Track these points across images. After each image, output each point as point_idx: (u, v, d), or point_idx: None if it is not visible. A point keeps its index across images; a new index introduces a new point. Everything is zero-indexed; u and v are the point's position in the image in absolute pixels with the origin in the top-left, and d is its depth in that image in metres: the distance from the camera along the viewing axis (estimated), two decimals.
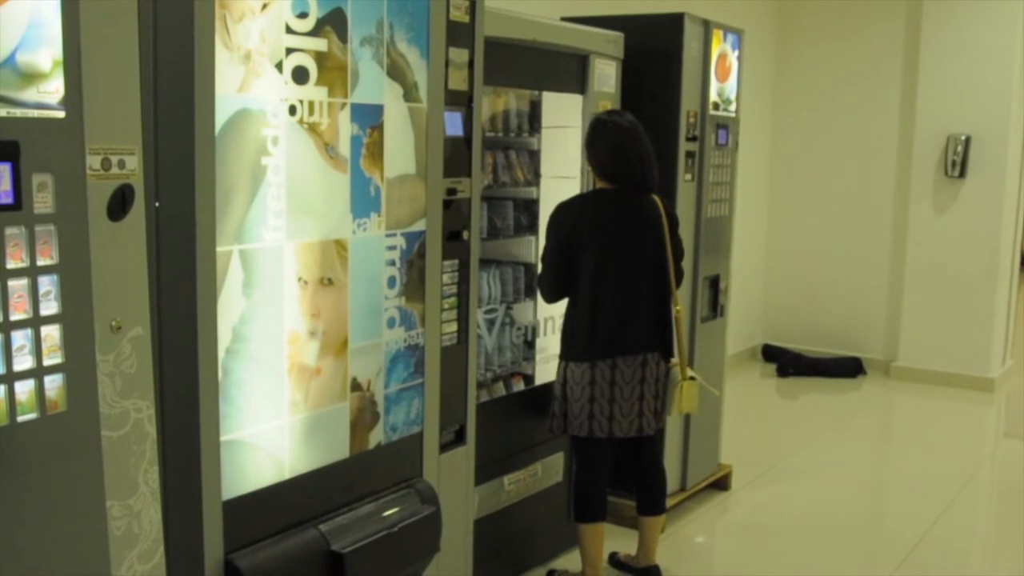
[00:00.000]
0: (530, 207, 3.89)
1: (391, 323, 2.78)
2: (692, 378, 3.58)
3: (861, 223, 7.42)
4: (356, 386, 2.68)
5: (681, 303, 3.60)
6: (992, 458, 5.92)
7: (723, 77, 4.41)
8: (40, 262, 1.76)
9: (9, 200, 1.71)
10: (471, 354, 3.11)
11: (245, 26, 2.23)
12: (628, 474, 3.77)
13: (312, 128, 2.44)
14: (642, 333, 3.48)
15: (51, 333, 1.79)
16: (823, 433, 5.98)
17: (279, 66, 2.33)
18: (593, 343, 3.43)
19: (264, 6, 2.27)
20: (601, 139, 3.47)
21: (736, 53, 4.49)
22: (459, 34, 2.88)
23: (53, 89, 1.75)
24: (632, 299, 3.45)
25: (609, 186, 3.48)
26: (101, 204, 1.85)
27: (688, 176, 4.25)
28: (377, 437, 2.77)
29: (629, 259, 3.44)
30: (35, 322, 1.77)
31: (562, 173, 3.91)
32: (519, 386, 3.80)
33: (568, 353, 3.50)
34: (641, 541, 3.77)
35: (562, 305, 3.96)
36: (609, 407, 3.44)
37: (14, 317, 1.74)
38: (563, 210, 3.48)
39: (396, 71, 2.68)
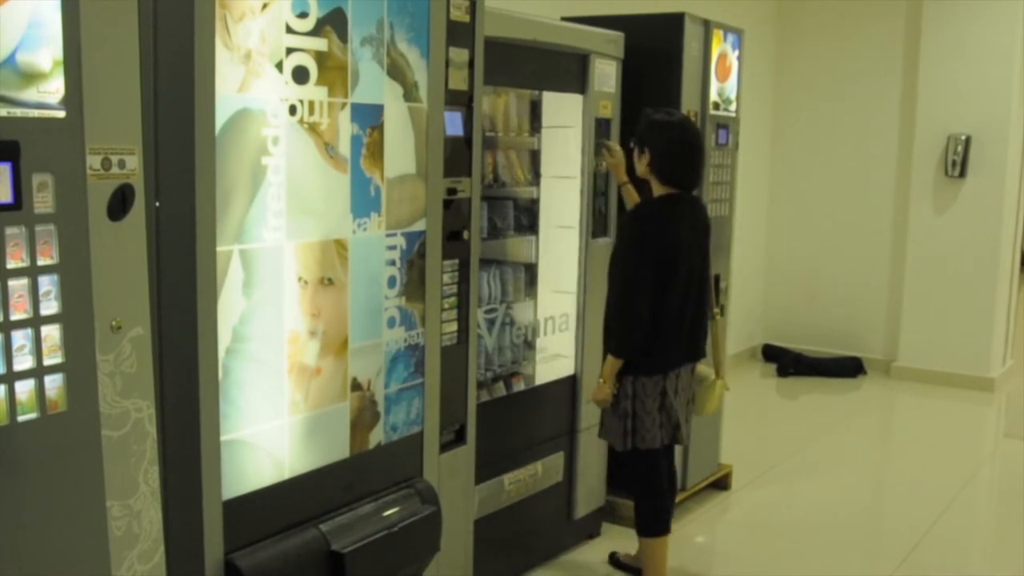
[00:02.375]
0: (530, 207, 3.89)
1: (391, 323, 2.78)
2: (720, 378, 3.62)
3: (861, 223, 7.41)
4: (356, 386, 2.68)
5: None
6: (992, 458, 5.92)
7: (723, 77, 4.41)
8: (40, 262, 1.76)
9: (9, 200, 1.71)
10: (471, 354, 3.11)
11: (245, 26, 2.23)
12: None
13: (312, 128, 2.44)
14: (696, 340, 3.48)
15: (51, 333, 1.79)
16: (823, 433, 5.98)
17: (279, 66, 2.33)
18: (666, 354, 3.38)
19: (264, 6, 2.27)
20: (666, 141, 3.35)
21: (736, 53, 4.49)
22: (459, 34, 2.89)
23: (53, 89, 1.75)
24: (694, 307, 3.42)
25: (666, 190, 3.37)
26: (101, 204, 1.85)
27: None
28: (377, 437, 2.77)
29: (692, 267, 3.39)
30: (35, 322, 1.77)
31: (562, 173, 3.90)
32: (519, 386, 3.80)
33: (637, 367, 3.35)
34: None
35: (562, 305, 3.97)
36: (672, 412, 3.41)
37: (14, 317, 1.74)
38: (648, 224, 3.34)
39: (396, 71, 2.68)
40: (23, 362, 1.75)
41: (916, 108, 7.02)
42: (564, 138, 3.90)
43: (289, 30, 2.35)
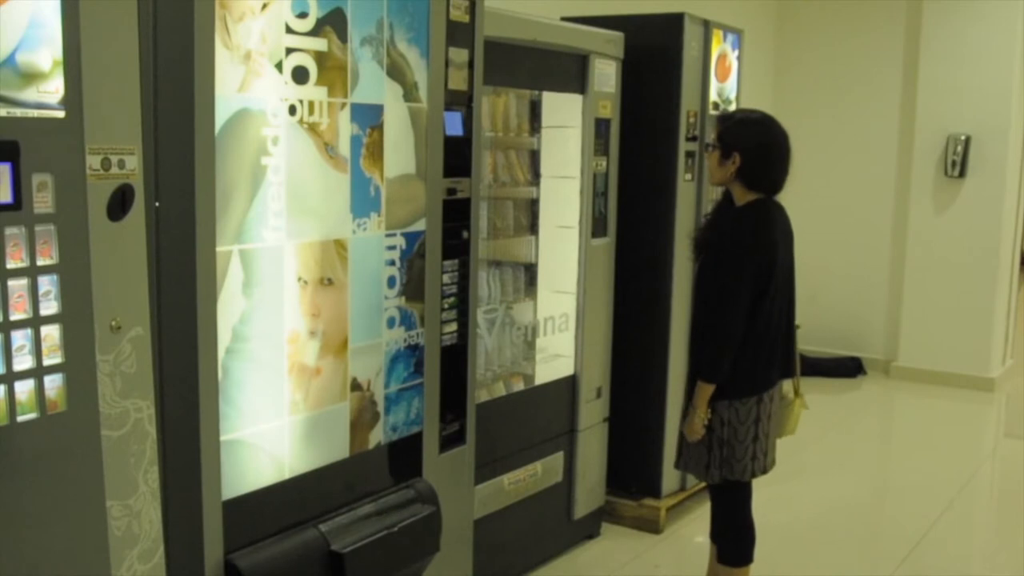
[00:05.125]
0: (530, 207, 3.89)
1: (391, 323, 2.78)
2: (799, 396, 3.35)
3: (861, 223, 7.41)
4: (356, 386, 2.68)
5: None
6: (992, 458, 5.92)
7: (723, 77, 4.41)
8: (40, 262, 1.76)
9: (9, 200, 1.71)
10: (471, 354, 3.10)
11: (245, 26, 2.23)
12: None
13: (312, 128, 2.44)
14: (789, 354, 3.23)
15: (51, 333, 1.79)
16: (823, 433, 5.98)
17: (279, 66, 2.33)
18: (762, 375, 3.11)
19: (264, 6, 2.27)
20: (755, 144, 3.08)
21: (736, 53, 4.49)
22: (459, 34, 2.88)
23: (53, 89, 1.75)
24: (787, 320, 3.18)
25: (753, 196, 3.10)
26: (101, 204, 1.86)
27: (688, 176, 4.25)
28: (377, 437, 2.77)
29: (785, 278, 3.15)
30: (35, 322, 1.77)
31: (562, 173, 3.90)
32: (519, 386, 3.80)
33: (730, 391, 3.05)
34: None
35: (562, 305, 3.97)
36: (766, 442, 3.15)
37: (14, 317, 1.74)
38: (746, 233, 3.06)
39: (396, 71, 2.68)
40: (23, 362, 1.75)
41: (916, 108, 7.02)
42: (564, 138, 3.90)
43: (289, 30, 2.35)
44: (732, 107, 4.50)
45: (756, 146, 3.08)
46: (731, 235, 3.07)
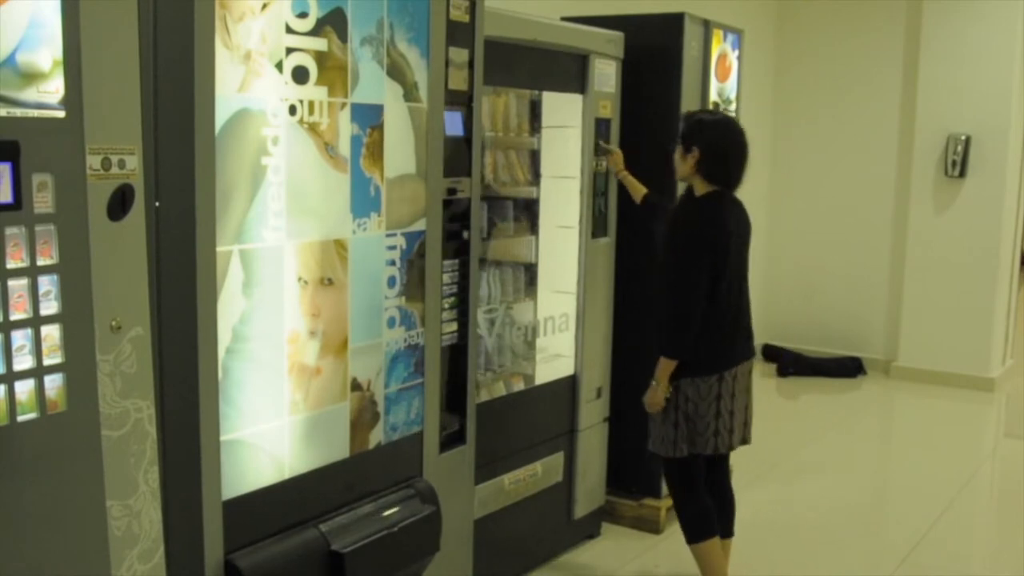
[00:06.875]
0: (530, 207, 3.89)
1: (391, 323, 2.78)
2: None
3: (861, 223, 7.41)
4: (356, 386, 2.68)
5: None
6: (992, 458, 5.92)
7: (723, 77, 4.41)
8: (40, 262, 1.76)
9: (9, 200, 1.71)
10: (471, 354, 3.10)
11: (245, 26, 2.23)
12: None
13: (312, 128, 2.44)
14: (751, 336, 3.47)
15: (51, 333, 1.79)
16: (823, 433, 5.98)
17: (279, 66, 2.33)
18: (721, 353, 3.32)
19: (264, 6, 2.27)
20: (714, 140, 3.30)
21: (736, 53, 4.49)
22: (459, 34, 2.89)
23: (53, 89, 1.75)
24: (745, 302, 3.43)
25: (711, 188, 3.31)
26: (101, 204, 1.86)
27: None
28: (377, 437, 2.77)
29: (742, 263, 3.41)
30: (35, 322, 1.77)
31: (562, 173, 3.90)
32: (519, 386, 3.80)
33: (692, 369, 3.28)
34: None
35: (562, 305, 3.97)
36: (730, 420, 3.33)
37: (14, 317, 1.74)
38: (701, 218, 3.29)
39: (396, 71, 2.68)
40: (23, 362, 1.75)
41: (916, 108, 7.02)
42: (564, 138, 3.90)
43: (289, 30, 2.35)
44: (732, 107, 4.51)
45: (713, 143, 3.30)
46: (690, 221, 3.32)
